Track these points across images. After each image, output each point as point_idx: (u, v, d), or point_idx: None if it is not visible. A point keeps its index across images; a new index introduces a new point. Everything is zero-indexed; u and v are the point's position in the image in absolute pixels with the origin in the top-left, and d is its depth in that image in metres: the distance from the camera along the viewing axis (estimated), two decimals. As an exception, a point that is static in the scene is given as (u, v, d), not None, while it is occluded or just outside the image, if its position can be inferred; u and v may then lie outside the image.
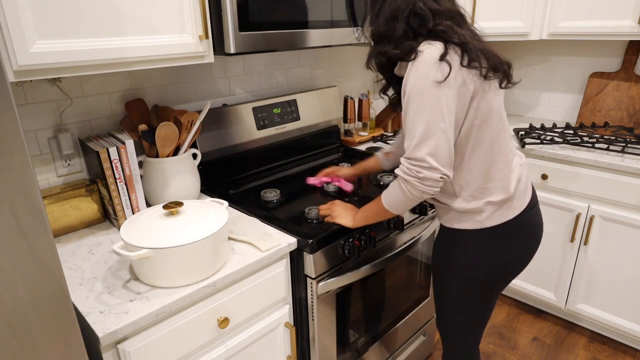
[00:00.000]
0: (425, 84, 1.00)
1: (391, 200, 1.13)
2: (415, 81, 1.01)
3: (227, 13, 1.16)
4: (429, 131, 1.00)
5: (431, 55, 1.00)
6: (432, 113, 1.00)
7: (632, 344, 2.03)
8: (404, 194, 1.07)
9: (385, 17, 1.07)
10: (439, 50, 1.00)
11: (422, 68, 1.00)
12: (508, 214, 1.13)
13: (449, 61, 0.99)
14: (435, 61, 0.99)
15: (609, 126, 2.18)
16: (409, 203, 1.10)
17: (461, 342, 1.33)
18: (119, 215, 1.25)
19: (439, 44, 1.02)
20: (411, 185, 1.04)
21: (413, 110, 1.02)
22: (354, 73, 2.20)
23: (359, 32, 1.52)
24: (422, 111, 1.00)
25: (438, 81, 0.99)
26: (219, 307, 1.08)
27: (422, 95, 1.00)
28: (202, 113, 1.37)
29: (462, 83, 1.01)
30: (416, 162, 1.02)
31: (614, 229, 1.87)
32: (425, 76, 0.99)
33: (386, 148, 1.56)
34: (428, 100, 1.00)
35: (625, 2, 1.86)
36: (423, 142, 1.01)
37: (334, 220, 1.27)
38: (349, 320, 1.45)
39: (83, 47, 0.98)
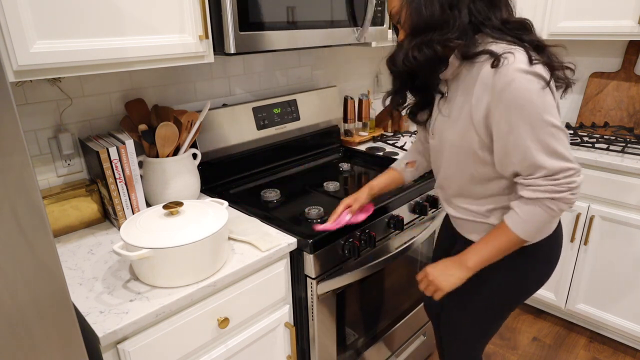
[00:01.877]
0: (533, 93, 0.88)
1: (532, 227, 0.97)
2: (515, 91, 0.88)
3: (227, 13, 1.16)
4: (555, 137, 0.91)
5: (522, 61, 0.89)
6: (548, 116, 0.90)
7: (632, 344, 2.03)
8: (552, 213, 0.94)
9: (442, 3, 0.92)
10: (525, 55, 0.90)
11: (520, 76, 0.88)
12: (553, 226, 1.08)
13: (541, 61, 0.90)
14: (529, 66, 0.89)
15: (609, 126, 2.18)
16: (554, 222, 0.99)
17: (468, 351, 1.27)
18: (119, 215, 1.25)
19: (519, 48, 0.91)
20: (564, 201, 0.93)
21: (526, 124, 0.90)
22: (354, 73, 2.20)
23: (359, 32, 1.52)
24: (538, 119, 0.89)
25: (542, 86, 0.89)
26: (219, 307, 1.08)
27: (532, 104, 0.89)
28: (202, 113, 1.37)
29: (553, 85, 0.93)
30: (562, 174, 0.91)
31: (614, 229, 1.87)
32: (529, 85, 0.88)
33: (405, 156, 1.37)
34: (541, 107, 0.89)
35: (625, 2, 1.86)
36: (556, 150, 0.91)
37: (443, 291, 1.06)
38: (349, 320, 1.45)
39: (83, 47, 0.98)
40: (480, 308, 1.16)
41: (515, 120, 0.90)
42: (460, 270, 1.05)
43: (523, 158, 0.93)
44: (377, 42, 1.64)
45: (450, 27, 0.93)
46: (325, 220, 1.26)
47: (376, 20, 1.56)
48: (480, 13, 0.93)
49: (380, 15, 1.58)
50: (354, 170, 1.80)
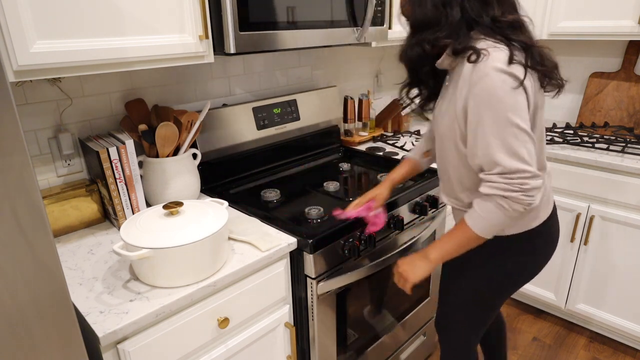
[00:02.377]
0: (502, 91, 0.91)
1: (485, 224, 1.00)
2: (486, 87, 0.92)
3: (227, 13, 1.16)
4: (518, 138, 0.93)
5: (499, 59, 0.92)
6: (514, 117, 0.92)
7: (632, 344, 2.03)
8: (505, 212, 0.96)
9: (434, 3, 0.96)
10: (506, 54, 0.93)
11: (494, 73, 0.91)
12: (532, 223, 1.11)
13: (521, 62, 0.93)
14: (506, 64, 0.92)
15: (609, 126, 2.18)
16: (509, 222, 0.99)
17: (461, 343, 1.31)
18: (119, 215, 1.25)
19: (503, 46, 0.94)
20: (515, 200, 0.95)
21: (491, 120, 0.93)
22: (354, 73, 2.20)
23: (358, 32, 1.52)
24: (503, 118, 0.92)
25: (514, 87, 0.92)
26: (219, 307, 1.08)
27: (500, 102, 0.92)
28: (202, 113, 1.37)
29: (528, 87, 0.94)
30: (516, 175, 0.93)
31: (614, 229, 1.87)
32: (500, 83, 0.91)
33: (420, 146, 1.41)
34: (509, 107, 0.92)
35: (625, 2, 1.86)
36: (515, 151, 0.93)
37: (410, 282, 1.14)
38: (349, 320, 1.45)
39: (83, 47, 0.98)
40: (471, 293, 1.20)
41: (482, 114, 0.94)
42: (423, 262, 1.11)
43: (484, 153, 0.96)
44: (377, 42, 1.64)
45: (441, 25, 0.97)
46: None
47: (376, 20, 1.56)
48: (473, 10, 0.96)
49: (380, 15, 1.58)
50: (354, 170, 1.80)
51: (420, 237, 1.55)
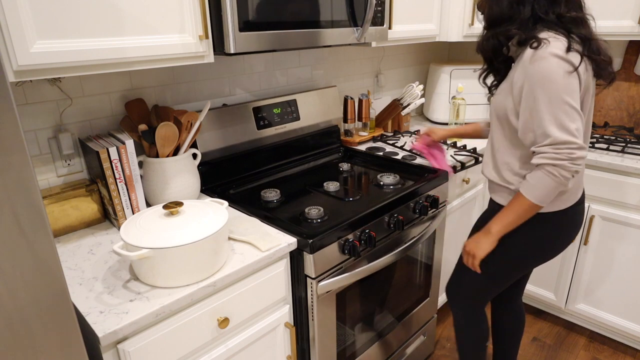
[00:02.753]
0: (557, 74, 1.04)
1: (540, 192, 1.12)
2: (544, 70, 1.05)
3: (227, 13, 1.16)
4: (568, 115, 1.05)
5: (558, 47, 1.05)
6: (567, 96, 1.05)
7: (632, 344, 2.03)
8: (556, 179, 1.09)
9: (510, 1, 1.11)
10: (564, 43, 1.06)
11: (552, 58, 1.05)
12: (561, 204, 1.22)
13: (578, 50, 1.06)
14: (564, 52, 1.05)
15: (609, 126, 2.18)
16: (560, 188, 1.12)
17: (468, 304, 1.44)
18: (119, 215, 1.25)
19: (562, 37, 1.07)
20: (564, 168, 1.07)
21: (547, 98, 1.06)
22: (354, 73, 2.20)
23: (358, 32, 1.52)
24: (557, 97, 1.05)
25: (569, 71, 1.05)
26: (219, 307, 1.08)
27: (553, 82, 1.04)
28: (202, 113, 1.37)
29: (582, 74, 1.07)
30: (565, 146, 1.06)
31: (614, 229, 1.87)
32: (556, 67, 1.04)
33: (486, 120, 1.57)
34: (561, 87, 1.04)
35: (625, 2, 1.86)
36: (565, 125, 1.05)
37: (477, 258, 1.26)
38: (349, 320, 1.45)
39: (83, 47, 0.98)
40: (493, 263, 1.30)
41: (539, 93, 1.07)
42: (487, 237, 1.24)
43: (538, 126, 1.09)
44: (377, 42, 1.64)
45: (513, 20, 1.12)
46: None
47: (376, 20, 1.56)
48: (541, 8, 1.11)
49: (380, 15, 1.58)
50: (354, 170, 1.80)
51: (420, 237, 1.55)
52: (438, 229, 1.72)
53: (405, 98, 2.16)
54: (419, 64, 2.62)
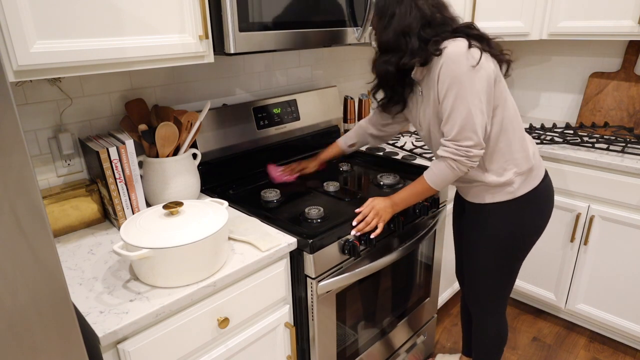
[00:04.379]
0: (461, 71, 1.12)
1: (437, 179, 1.25)
2: (450, 71, 1.13)
3: (227, 13, 1.16)
4: (470, 114, 1.14)
5: (459, 47, 1.13)
6: (471, 96, 1.13)
7: (632, 344, 2.03)
8: (453, 171, 1.21)
9: (396, 32, 1.17)
10: (464, 42, 1.13)
11: (455, 58, 1.12)
12: (533, 182, 1.30)
13: (478, 47, 1.13)
14: (465, 50, 1.12)
15: (609, 126, 2.18)
16: (454, 179, 1.25)
17: (491, 308, 1.48)
18: (119, 215, 1.25)
19: (461, 39, 1.14)
20: (461, 163, 1.19)
21: (453, 97, 1.14)
22: (354, 73, 2.20)
23: (359, 32, 1.52)
24: (462, 97, 1.13)
25: (472, 65, 1.12)
26: (219, 307, 1.08)
27: (459, 82, 1.13)
28: (202, 113, 1.37)
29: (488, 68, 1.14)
30: (464, 142, 1.17)
31: (614, 229, 1.87)
32: (459, 64, 1.12)
33: (348, 138, 1.63)
34: (466, 86, 1.13)
35: (625, 2, 1.86)
36: (467, 124, 1.15)
37: (382, 221, 1.31)
38: (349, 320, 1.45)
39: (83, 47, 0.98)
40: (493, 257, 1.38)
41: (448, 91, 1.15)
42: (391, 207, 1.33)
43: (445, 122, 1.19)
44: (377, 42, 1.64)
45: (402, 51, 1.18)
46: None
47: (376, 20, 1.56)
48: (428, 34, 1.17)
49: (380, 15, 1.57)
50: (354, 170, 1.80)
51: (420, 237, 1.55)
52: (438, 229, 1.72)
53: (405, 98, 2.16)
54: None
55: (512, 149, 1.26)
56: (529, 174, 1.30)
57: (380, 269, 1.44)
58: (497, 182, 1.28)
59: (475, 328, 1.57)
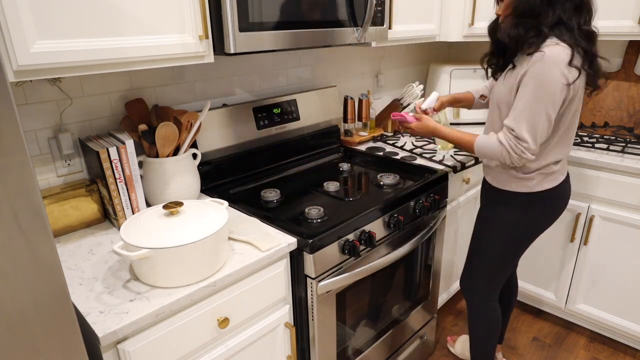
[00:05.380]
0: (552, 80, 1.17)
1: (484, 149, 1.33)
2: (544, 75, 1.17)
3: (227, 13, 1.16)
4: (538, 118, 1.21)
5: (561, 57, 1.16)
6: (547, 103, 1.19)
7: (632, 344, 2.03)
8: (502, 158, 1.29)
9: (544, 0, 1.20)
10: (567, 55, 1.17)
11: (554, 65, 1.16)
12: (553, 183, 1.37)
13: (578, 67, 1.17)
14: (565, 64, 1.16)
15: (609, 126, 2.18)
16: (495, 161, 1.36)
17: (484, 293, 1.55)
18: (119, 215, 1.25)
19: (568, 50, 1.17)
20: (511, 157, 1.27)
21: (532, 94, 1.20)
22: (354, 73, 2.20)
23: (359, 32, 1.52)
24: (540, 99, 1.19)
25: (565, 83, 1.17)
26: (219, 307, 1.08)
27: (544, 87, 1.18)
28: (202, 113, 1.37)
29: (575, 87, 1.20)
30: (523, 143, 1.23)
31: (614, 229, 1.87)
32: (556, 73, 1.16)
33: (481, 89, 1.66)
34: (548, 93, 1.18)
35: (625, 2, 1.86)
36: (532, 126, 1.22)
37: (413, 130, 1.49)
38: (349, 320, 1.45)
39: (83, 47, 0.98)
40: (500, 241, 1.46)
41: (528, 91, 1.21)
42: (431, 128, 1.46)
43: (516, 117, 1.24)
44: (377, 42, 1.64)
45: (540, 19, 1.20)
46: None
47: (376, 20, 1.56)
48: (566, 13, 1.20)
49: (380, 15, 1.58)
50: (354, 170, 1.80)
51: (420, 237, 1.55)
52: (438, 229, 1.72)
53: (405, 98, 2.16)
54: (419, 64, 2.62)
55: (547, 157, 1.33)
56: (550, 175, 1.37)
57: (380, 269, 1.44)
58: (518, 175, 1.37)
59: (469, 314, 1.65)
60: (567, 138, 1.33)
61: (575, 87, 1.21)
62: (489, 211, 1.49)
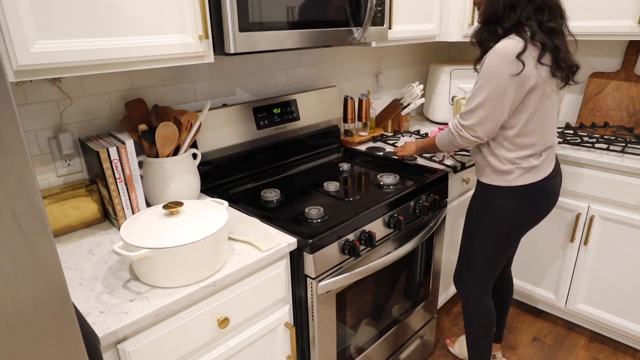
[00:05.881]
0: (498, 71, 1.25)
1: (440, 141, 1.51)
2: (492, 66, 1.26)
3: (227, 13, 1.16)
4: (483, 105, 1.30)
5: (510, 49, 1.24)
6: (492, 93, 1.27)
7: (632, 344, 2.03)
8: (449, 140, 1.45)
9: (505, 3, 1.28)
10: (518, 47, 1.23)
11: (501, 58, 1.24)
12: (533, 178, 1.40)
13: (523, 61, 1.23)
14: (512, 57, 1.23)
15: (609, 126, 2.18)
16: (450, 147, 1.48)
17: (476, 288, 1.58)
18: (119, 215, 1.25)
19: (520, 40, 1.24)
20: (453, 136, 1.41)
21: (480, 83, 1.29)
22: (354, 73, 2.20)
23: (359, 32, 1.52)
24: (486, 88, 1.28)
25: (511, 74, 1.24)
26: (219, 307, 1.08)
27: (492, 77, 1.26)
28: (202, 113, 1.37)
29: (527, 77, 1.25)
30: (462, 121, 1.36)
31: (614, 229, 1.87)
32: (502, 64, 1.24)
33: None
34: (494, 83, 1.26)
35: (625, 2, 1.86)
36: (476, 111, 1.32)
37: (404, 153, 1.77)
38: (349, 320, 1.45)
39: (83, 47, 0.98)
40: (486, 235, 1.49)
41: (479, 79, 1.31)
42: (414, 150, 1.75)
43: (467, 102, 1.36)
44: (377, 42, 1.64)
45: (503, 22, 1.30)
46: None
47: (376, 20, 1.56)
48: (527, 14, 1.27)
49: (380, 15, 1.58)
50: (354, 170, 1.80)
51: (420, 237, 1.55)
52: (438, 229, 1.72)
53: (405, 98, 2.16)
54: (419, 64, 2.62)
55: (522, 147, 1.37)
56: (531, 170, 1.39)
57: (380, 269, 1.44)
58: (498, 168, 1.40)
59: (463, 310, 1.67)
60: (539, 128, 1.35)
61: (531, 77, 1.25)
62: (473, 203, 1.52)
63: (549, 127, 1.38)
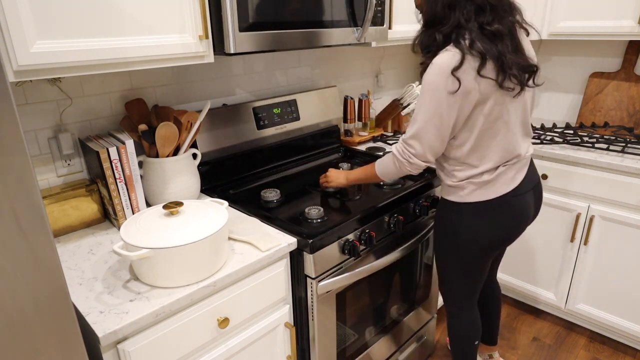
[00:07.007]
0: (437, 88, 1.14)
1: (383, 170, 1.34)
2: (430, 82, 1.16)
3: (227, 13, 1.16)
4: (426, 126, 1.19)
5: (446, 65, 1.13)
6: (434, 111, 1.16)
7: (632, 344, 2.03)
8: (396, 168, 1.29)
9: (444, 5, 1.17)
10: (455, 60, 1.12)
11: (438, 74, 1.14)
12: (488, 194, 1.28)
13: (458, 77, 1.12)
14: (448, 73, 1.12)
15: (609, 126, 2.18)
16: (397, 176, 1.34)
17: (457, 305, 1.51)
18: (119, 215, 1.25)
19: (457, 52, 1.13)
20: (401, 163, 1.26)
21: (421, 102, 1.19)
22: (354, 73, 2.20)
23: (358, 32, 1.52)
24: (427, 107, 1.17)
25: (448, 91, 1.13)
26: (219, 307, 1.08)
27: (429, 94, 1.16)
28: (202, 113, 1.37)
29: (467, 93, 1.14)
30: (410, 149, 1.23)
31: (614, 229, 1.87)
32: (439, 81, 1.14)
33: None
34: (434, 101, 1.16)
35: (625, 2, 1.86)
36: (420, 134, 1.20)
37: (330, 184, 1.49)
38: (349, 320, 1.45)
39: (83, 47, 0.98)
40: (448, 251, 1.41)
41: (420, 97, 1.20)
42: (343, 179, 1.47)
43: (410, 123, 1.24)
44: (377, 42, 1.64)
45: (444, 24, 1.17)
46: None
47: (376, 20, 1.56)
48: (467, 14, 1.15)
49: (380, 15, 1.58)
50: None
51: (420, 237, 1.55)
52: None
53: (405, 98, 2.16)
54: (419, 64, 2.61)
55: (469, 163, 1.26)
56: (484, 185, 1.27)
57: (380, 269, 1.44)
58: (448, 183, 1.32)
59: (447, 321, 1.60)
60: (493, 144, 1.23)
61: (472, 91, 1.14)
62: (437, 221, 1.42)
63: (508, 139, 1.24)
